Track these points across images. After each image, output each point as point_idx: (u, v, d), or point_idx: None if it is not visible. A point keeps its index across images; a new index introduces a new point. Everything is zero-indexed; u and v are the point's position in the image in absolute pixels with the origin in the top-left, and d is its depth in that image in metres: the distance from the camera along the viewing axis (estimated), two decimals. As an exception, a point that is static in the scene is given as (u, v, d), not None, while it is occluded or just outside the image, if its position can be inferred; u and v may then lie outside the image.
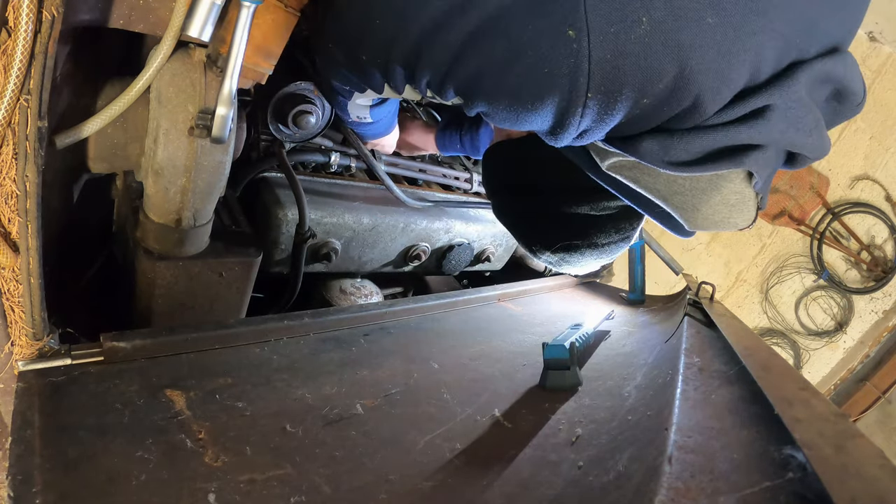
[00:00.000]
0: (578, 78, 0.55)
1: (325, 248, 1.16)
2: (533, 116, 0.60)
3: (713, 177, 0.62)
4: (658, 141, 0.60)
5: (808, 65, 0.59)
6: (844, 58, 0.63)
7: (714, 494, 0.41)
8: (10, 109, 0.50)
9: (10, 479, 0.46)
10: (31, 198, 0.56)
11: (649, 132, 0.61)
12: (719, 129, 0.58)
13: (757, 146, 0.59)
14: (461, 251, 1.43)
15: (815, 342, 3.88)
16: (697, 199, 0.64)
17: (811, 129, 0.61)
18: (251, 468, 0.54)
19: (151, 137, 0.77)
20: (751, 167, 0.60)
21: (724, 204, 0.64)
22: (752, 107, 0.57)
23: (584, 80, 0.55)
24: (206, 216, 0.88)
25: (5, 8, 0.47)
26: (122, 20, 0.62)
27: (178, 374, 0.68)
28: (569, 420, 0.71)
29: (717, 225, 0.67)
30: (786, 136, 0.60)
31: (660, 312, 1.25)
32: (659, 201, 0.66)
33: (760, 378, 0.57)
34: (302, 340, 0.84)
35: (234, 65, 0.65)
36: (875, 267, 3.64)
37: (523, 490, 0.56)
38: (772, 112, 0.57)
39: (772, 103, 0.57)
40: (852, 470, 0.38)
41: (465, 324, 1.07)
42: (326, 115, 1.10)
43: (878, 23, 3.24)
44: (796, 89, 0.58)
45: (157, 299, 0.90)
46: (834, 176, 3.64)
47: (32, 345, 0.63)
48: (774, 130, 0.58)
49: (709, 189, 0.64)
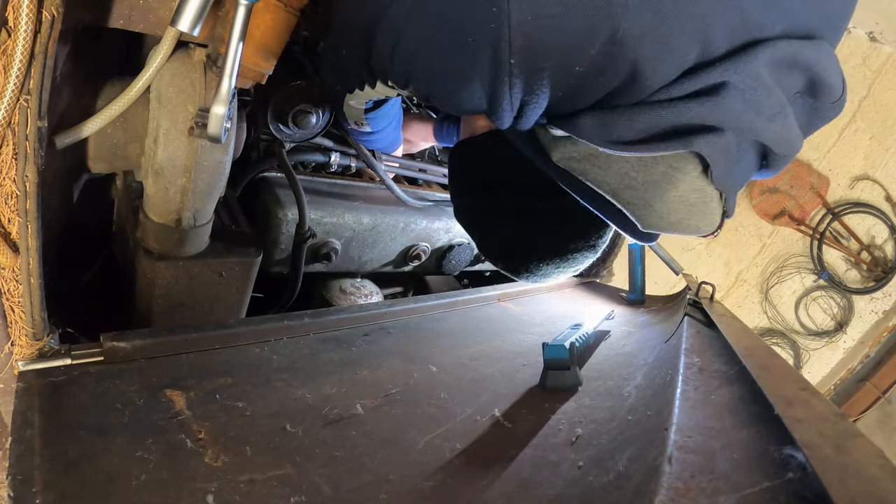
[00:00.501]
0: (500, 43, 0.52)
1: (325, 247, 1.16)
2: (465, 90, 0.58)
3: (667, 168, 0.58)
4: (599, 118, 0.57)
5: (771, 43, 0.54)
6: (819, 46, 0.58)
7: (714, 494, 0.41)
8: (10, 109, 0.50)
9: (10, 479, 0.46)
10: (31, 198, 0.56)
11: (590, 109, 0.58)
12: (666, 105, 0.54)
13: (710, 128, 0.55)
14: (461, 251, 1.43)
15: (815, 342, 3.88)
16: (650, 195, 0.60)
17: (774, 115, 0.56)
18: (251, 468, 0.54)
19: (151, 137, 0.77)
20: (701, 150, 0.55)
21: (682, 202, 0.60)
22: (704, 83, 0.53)
23: (505, 44, 0.52)
24: (206, 216, 0.88)
25: (5, 8, 0.47)
26: (122, 20, 0.62)
27: (178, 374, 0.68)
28: (569, 420, 0.71)
29: (674, 226, 0.62)
30: (744, 119, 0.55)
31: (660, 312, 1.25)
32: (609, 196, 0.62)
33: (760, 378, 0.57)
34: (302, 340, 0.84)
35: (232, 64, 0.65)
36: (875, 267, 3.64)
37: (523, 490, 0.56)
38: (727, 90, 0.53)
39: (727, 80, 0.53)
40: (852, 470, 0.38)
41: (464, 324, 1.07)
42: (326, 115, 1.10)
43: (878, 23, 3.24)
44: (755, 66, 0.53)
45: (156, 299, 0.90)
46: (834, 176, 3.64)
47: (32, 345, 0.63)
48: (730, 111, 0.54)
49: (663, 183, 0.59)
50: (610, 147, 0.57)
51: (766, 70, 0.54)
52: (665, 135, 0.56)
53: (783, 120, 0.58)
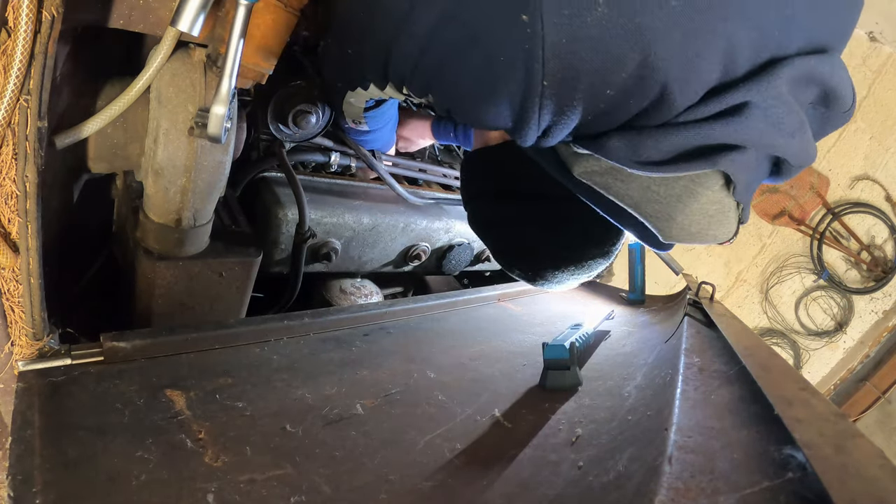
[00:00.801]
0: (533, 64, 0.52)
1: (325, 247, 1.16)
2: (492, 109, 0.58)
3: (689, 183, 0.59)
4: (627, 139, 0.57)
5: (789, 61, 0.55)
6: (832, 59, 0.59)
7: (714, 494, 0.41)
8: (10, 109, 0.50)
9: (10, 479, 0.46)
10: (31, 198, 0.56)
11: (617, 130, 0.58)
12: (692, 127, 0.55)
13: (734, 147, 0.56)
14: (461, 251, 1.43)
15: (815, 342, 3.88)
16: (672, 208, 0.60)
17: (794, 131, 0.58)
18: (251, 468, 0.54)
19: (151, 137, 0.77)
20: (727, 168, 0.56)
21: (703, 214, 0.61)
22: (727, 103, 0.54)
23: (538, 66, 0.52)
24: (206, 216, 0.88)
25: (5, 8, 0.47)
26: (122, 20, 0.62)
27: (178, 374, 0.68)
28: (569, 420, 0.71)
29: (694, 237, 0.63)
30: (766, 137, 0.56)
31: (660, 312, 1.25)
32: (631, 210, 0.62)
33: (760, 378, 0.57)
34: (302, 340, 0.84)
35: (232, 64, 0.65)
36: (875, 267, 3.64)
37: (523, 490, 0.56)
38: (750, 110, 0.54)
39: (750, 100, 0.54)
40: (852, 470, 0.38)
41: (464, 324, 1.07)
42: (326, 115, 1.10)
43: (878, 23, 3.24)
44: (777, 85, 0.54)
45: (156, 299, 0.90)
46: (834, 176, 3.64)
47: (32, 345, 0.63)
48: (753, 130, 0.55)
49: (685, 196, 0.60)
50: (637, 168, 0.57)
51: (786, 88, 0.55)
52: (690, 154, 0.56)
53: (802, 136, 0.58)
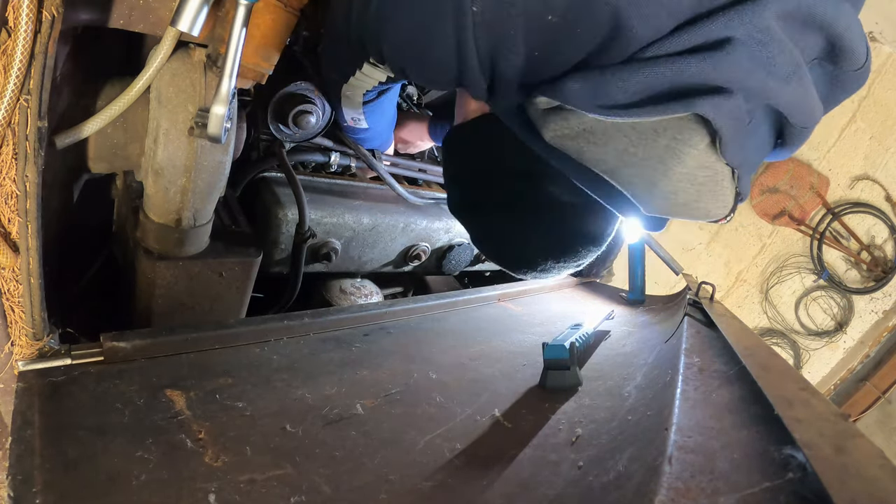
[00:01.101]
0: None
1: (325, 247, 1.16)
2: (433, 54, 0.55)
3: (670, 141, 0.51)
4: (587, 79, 0.50)
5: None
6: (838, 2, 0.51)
7: (714, 494, 0.41)
8: (10, 109, 0.50)
9: (10, 479, 0.46)
10: (31, 198, 0.56)
11: (576, 71, 0.52)
12: (662, 62, 0.47)
13: (716, 88, 0.48)
14: (461, 251, 1.43)
15: (815, 342, 3.88)
16: (654, 171, 0.53)
17: (788, 75, 0.49)
18: (251, 468, 0.54)
19: (151, 137, 0.77)
20: (707, 112, 0.48)
21: (690, 181, 0.53)
22: (705, 37, 0.47)
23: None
24: (206, 216, 0.88)
25: (5, 8, 0.47)
26: (122, 20, 0.62)
27: (178, 374, 0.68)
28: (569, 420, 0.71)
29: (682, 209, 0.56)
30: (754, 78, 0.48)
31: (660, 312, 1.25)
32: (608, 177, 0.55)
33: (760, 378, 0.57)
34: (302, 340, 0.84)
35: (232, 64, 0.65)
36: (875, 267, 3.64)
37: (523, 490, 0.56)
38: (732, 45, 0.47)
39: (732, 35, 0.47)
40: (852, 470, 0.38)
41: (465, 324, 1.07)
42: (326, 115, 1.10)
43: (878, 23, 3.24)
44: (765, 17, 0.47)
45: (157, 299, 0.90)
46: (834, 176, 3.64)
47: (32, 345, 0.63)
48: (737, 68, 0.47)
49: (667, 158, 0.52)
50: (601, 112, 0.50)
51: (776, 23, 0.48)
52: (664, 96, 0.49)
53: (799, 82, 0.50)
